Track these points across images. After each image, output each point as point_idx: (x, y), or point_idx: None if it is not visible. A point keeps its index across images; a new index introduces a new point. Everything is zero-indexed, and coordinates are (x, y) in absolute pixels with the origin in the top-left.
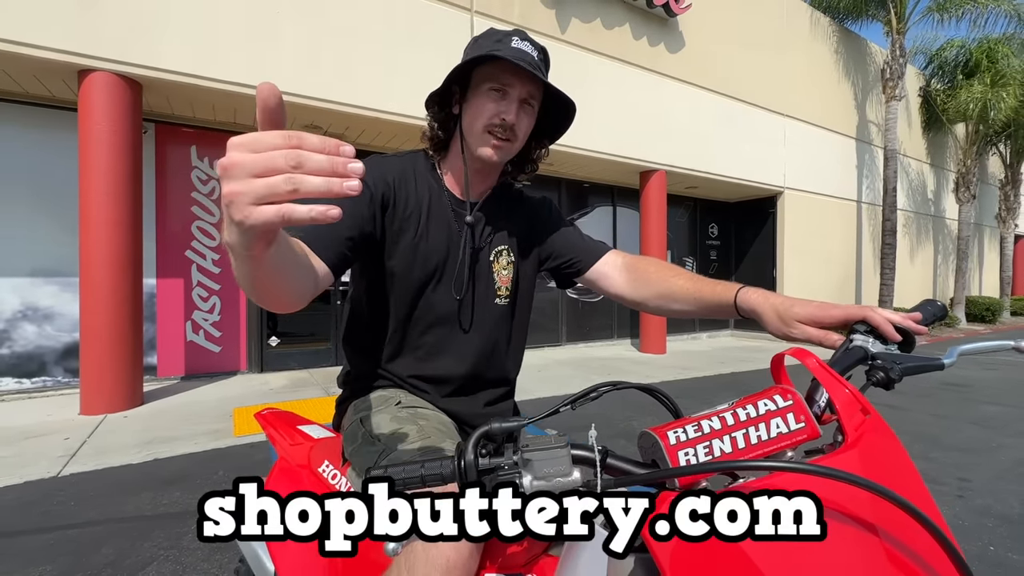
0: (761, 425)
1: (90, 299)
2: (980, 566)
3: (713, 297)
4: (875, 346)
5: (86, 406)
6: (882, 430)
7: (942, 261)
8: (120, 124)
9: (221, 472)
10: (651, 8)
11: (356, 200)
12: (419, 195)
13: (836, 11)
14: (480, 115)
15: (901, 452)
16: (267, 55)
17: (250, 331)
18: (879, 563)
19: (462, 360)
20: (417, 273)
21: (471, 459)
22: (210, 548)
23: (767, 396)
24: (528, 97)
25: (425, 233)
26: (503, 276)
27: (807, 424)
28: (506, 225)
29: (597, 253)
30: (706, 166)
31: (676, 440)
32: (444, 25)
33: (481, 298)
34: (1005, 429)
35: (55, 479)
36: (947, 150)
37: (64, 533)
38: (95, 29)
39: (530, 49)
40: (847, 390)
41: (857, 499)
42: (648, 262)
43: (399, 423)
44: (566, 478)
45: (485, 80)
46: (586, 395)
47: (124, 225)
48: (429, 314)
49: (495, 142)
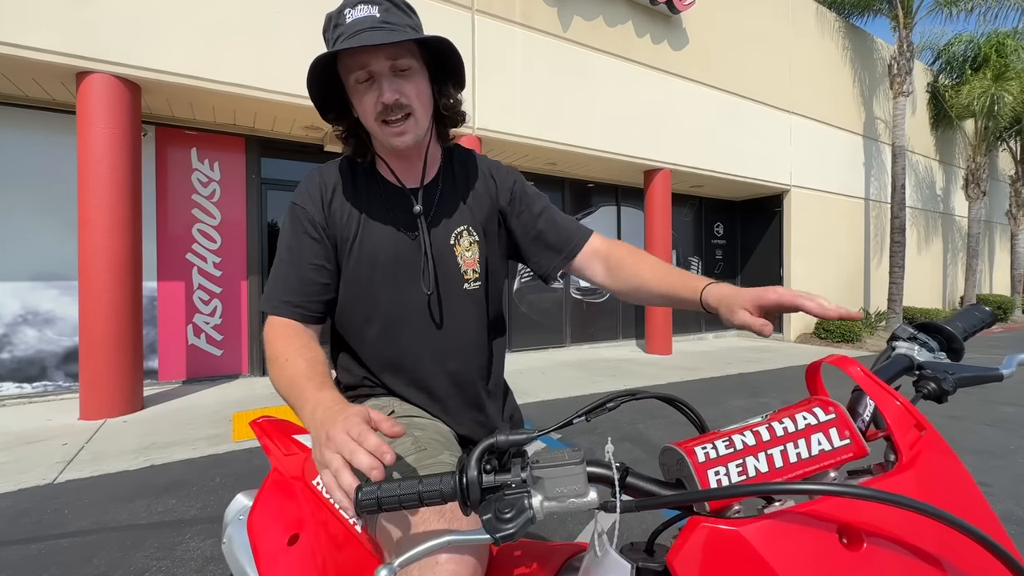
0: (800, 441)
1: (89, 303)
2: None
3: (679, 292)
4: (921, 354)
5: (86, 411)
6: (941, 448)
7: (952, 259)
8: (119, 126)
9: (218, 479)
10: (654, 5)
11: (311, 235)
12: (353, 194)
13: (842, 6)
14: (366, 111)
15: (964, 474)
16: (268, 56)
17: (252, 334)
18: None
19: (441, 358)
20: (373, 276)
21: (474, 476)
22: (203, 559)
23: (806, 408)
24: (394, 63)
25: (369, 235)
26: (467, 259)
27: (852, 441)
28: (462, 202)
29: (581, 238)
30: (711, 164)
31: (705, 457)
32: (446, 25)
33: (447, 288)
34: (1021, 431)
35: (51, 486)
36: (956, 146)
37: (56, 543)
38: (93, 31)
39: (368, 10)
40: (899, 403)
41: (920, 529)
42: (621, 252)
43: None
44: (581, 499)
45: (348, 73)
46: (602, 405)
47: (124, 228)
48: (397, 316)
49: (394, 129)
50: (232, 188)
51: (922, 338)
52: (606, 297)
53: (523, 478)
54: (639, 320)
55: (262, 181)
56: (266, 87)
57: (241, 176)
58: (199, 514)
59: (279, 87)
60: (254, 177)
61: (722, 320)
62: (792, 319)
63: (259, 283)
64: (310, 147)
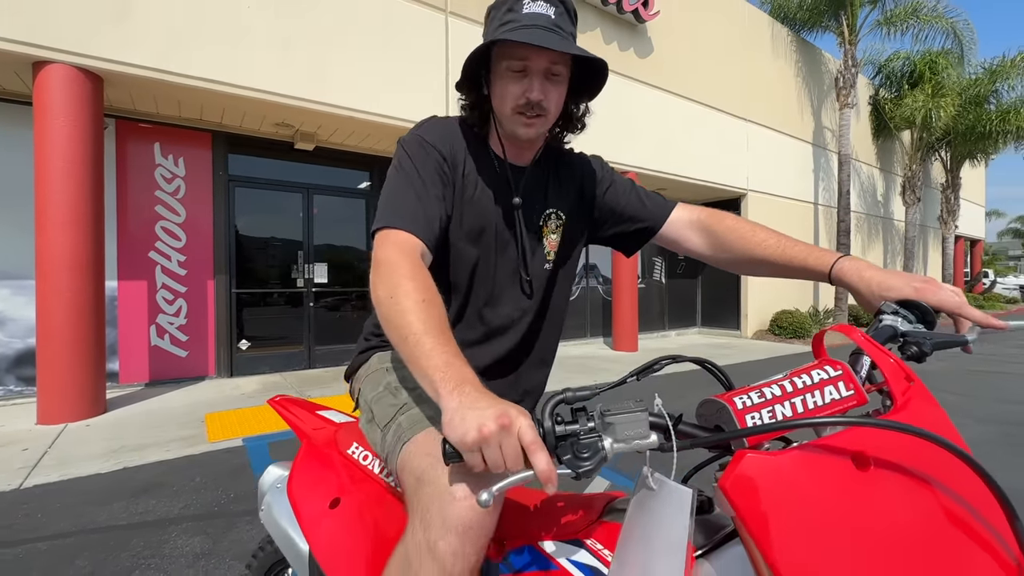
0: (816, 392)
1: (47, 302)
2: None
3: (805, 263)
4: (903, 325)
5: (44, 415)
6: (927, 396)
7: (891, 261)
8: (79, 120)
9: (199, 478)
10: (621, 14)
11: (439, 172)
12: (472, 160)
13: (794, 22)
14: (505, 98)
15: (944, 416)
16: (238, 50)
17: (219, 335)
18: (929, 502)
19: (518, 326)
20: (470, 236)
21: (549, 426)
22: (194, 555)
23: (819, 367)
24: (552, 65)
25: (475, 198)
26: (551, 240)
27: (856, 392)
28: (555, 188)
29: (664, 212)
30: (674, 168)
31: (743, 405)
32: (419, 25)
33: (533, 266)
34: (958, 415)
35: (17, 491)
36: (895, 155)
37: (34, 546)
38: (51, 18)
39: (545, 8)
40: (892, 360)
41: (911, 454)
42: (724, 222)
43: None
44: (644, 440)
45: (503, 59)
46: (650, 367)
47: (84, 225)
48: (484, 278)
49: (526, 120)
50: (198, 185)
51: (903, 312)
52: (575, 296)
53: (592, 426)
54: (606, 318)
55: (229, 178)
56: (238, 82)
57: (207, 173)
58: (183, 513)
59: (249, 83)
60: (221, 174)
61: (859, 301)
62: (748, 317)
63: (226, 283)
64: (279, 144)
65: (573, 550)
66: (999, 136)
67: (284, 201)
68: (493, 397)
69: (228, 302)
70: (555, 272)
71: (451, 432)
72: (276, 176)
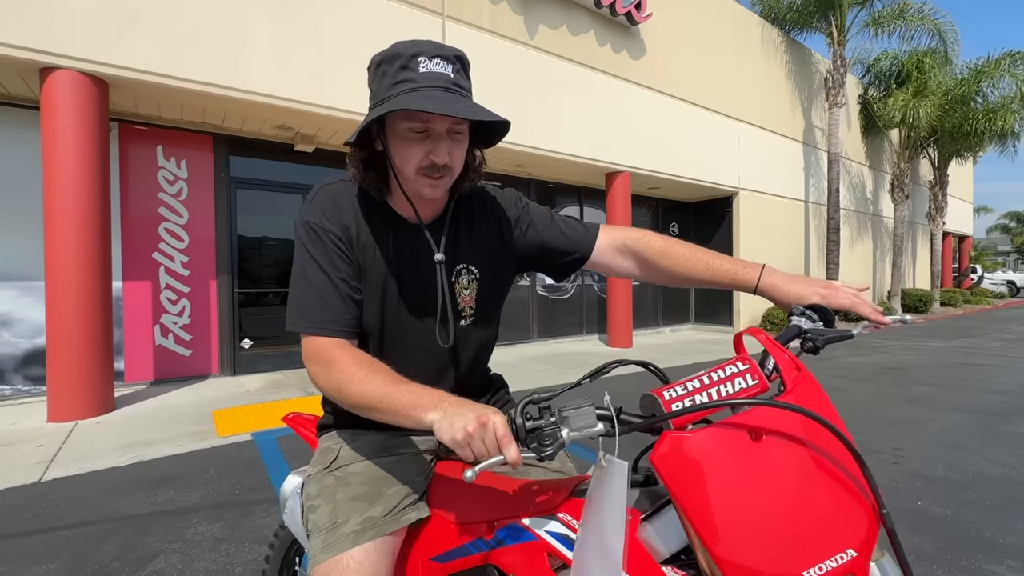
0: (728, 383)
1: (56, 303)
2: (910, 517)
3: (734, 278)
4: (806, 324)
5: (54, 413)
6: (810, 381)
7: (880, 256)
8: (86, 124)
9: (212, 471)
10: (614, 16)
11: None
12: (371, 226)
13: (784, 23)
14: (408, 159)
15: (823, 395)
16: (239, 55)
17: (222, 334)
18: (806, 462)
19: (436, 380)
20: (386, 303)
21: (520, 422)
22: (215, 540)
23: (732, 363)
24: (454, 126)
25: (383, 264)
26: (465, 296)
27: (759, 381)
28: (466, 238)
29: (589, 241)
30: (667, 168)
31: (669, 396)
32: (415, 29)
33: (450, 320)
34: (934, 406)
35: (38, 484)
36: (884, 153)
37: (61, 534)
38: (58, 25)
39: (442, 67)
40: (786, 355)
41: (794, 425)
42: (653, 245)
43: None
44: (592, 428)
45: (403, 120)
46: (600, 371)
47: (92, 226)
48: (403, 341)
49: (431, 182)
50: (200, 186)
51: (809, 313)
52: (570, 294)
53: (554, 420)
54: (601, 316)
55: (231, 180)
56: (239, 86)
57: (209, 174)
58: (201, 502)
59: (252, 87)
60: (223, 176)
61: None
62: (740, 314)
63: (228, 282)
64: (280, 146)
65: (549, 523)
66: (985, 135)
67: (284, 202)
68: (471, 403)
69: (231, 302)
70: (471, 329)
71: (442, 436)
72: (276, 177)
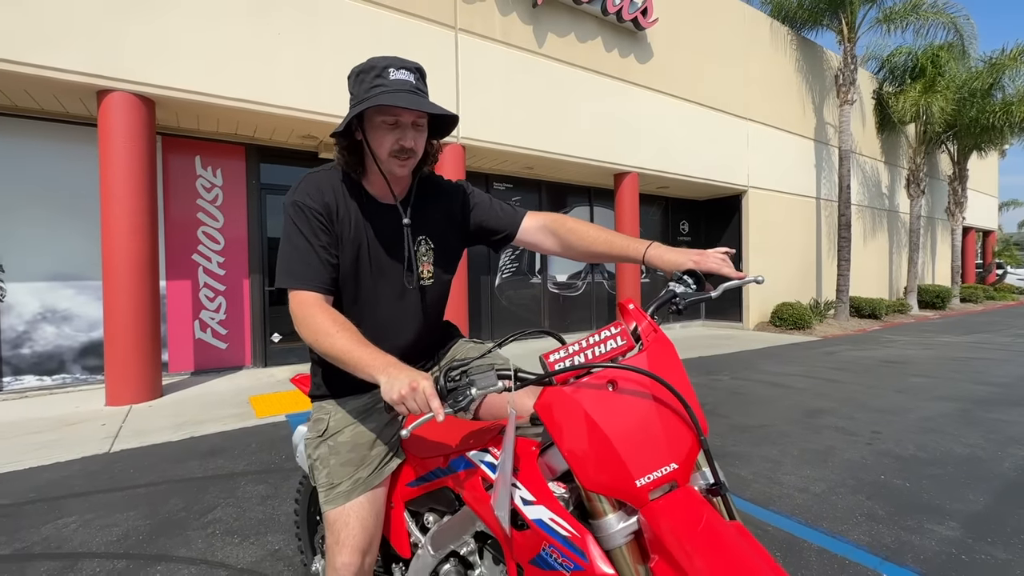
0: (602, 345)
1: (113, 300)
2: (868, 488)
3: (625, 252)
4: (679, 288)
5: (112, 397)
6: (663, 341)
7: (896, 252)
8: (137, 139)
9: (254, 444)
10: (621, 22)
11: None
12: (347, 202)
13: (793, 21)
14: (383, 144)
15: (672, 351)
16: (270, 73)
17: (254, 329)
18: (652, 410)
19: (404, 333)
20: (359, 267)
21: (442, 384)
22: (261, 497)
23: (607, 328)
24: (417, 119)
25: (356, 232)
26: (424, 262)
27: (627, 341)
28: (424, 216)
29: (515, 222)
30: (675, 168)
31: (554, 358)
32: (430, 41)
33: (410, 282)
34: (923, 395)
35: (108, 455)
36: (900, 148)
37: (134, 491)
38: (114, 52)
39: (407, 76)
40: (646, 321)
41: (640, 377)
42: (566, 224)
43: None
44: (494, 387)
45: (379, 114)
46: (506, 340)
47: (142, 231)
48: (364, 299)
49: (400, 162)
50: (234, 193)
51: (684, 279)
52: (580, 291)
53: (467, 382)
54: (611, 312)
55: (261, 186)
56: (270, 101)
57: (242, 181)
58: (247, 469)
59: (281, 101)
60: (254, 182)
61: (664, 274)
62: (750, 310)
63: (260, 281)
64: (305, 154)
65: (484, 456)
66: (1004, 128)
67: None
68: (408, 370)
69: (262, 299)
70: (431, 287)
71: (384, 395)
72: None
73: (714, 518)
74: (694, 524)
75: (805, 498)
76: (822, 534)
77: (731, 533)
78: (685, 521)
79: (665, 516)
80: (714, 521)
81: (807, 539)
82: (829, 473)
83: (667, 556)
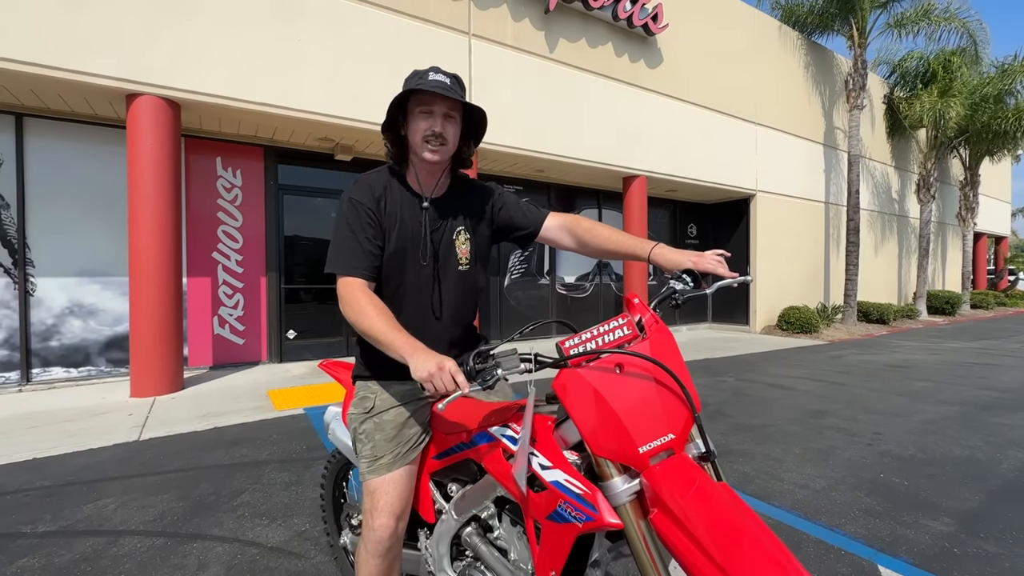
0: (611, 333)
1: (139, 296)
2: (868, 486)
3: (634, 251)
4: (678, 286)
5: (136, 389)
6: (664, 332)
7: (906, 257)
8: (163, 141)
9: (275, 435)
10: (631, 28)
11: (368, 222)
12: (394, 198)
13: (804, 26)
14: (417, 131)
15: (672, 340)
16: (292, 78)
17: (270, 325)
18: (653, 390)
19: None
20: (405, 255)
21: (471, 365)
22: (285, 483)
23: (615, 319)
24: (449, 111)
25: (402, 223)
26: (463, 249)
27: (632, 331)
28: (462, 211)
29: (539, 221)
30: (684, 171)
31: (569, 345)
32: (446, 47)
33: (450, 267)
34: (926, 399)
35: (137, 442)
36: (910, 153)
37: (165, 476)
38: (143, 57)
39: (444, 78)
40: (649, 313)
41: (643, 362)
42: (582, 224)
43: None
44: (517, 368)
45: (416, 106)
46: (525, 329)
47: (167, 230)
48: (409, 283)
49: (431, 147)
50: (252, 193)
51: (683, 277)
52: (588, 292)
53: (493, 363)
54: (619, 312)
55: (279, 187)
56: (290, 106)
57: (260, 182)
58: (270, 457)
59: (301, 106)
60: (272, 183)
61: (667, 272)
62: (757, 313)
63: (277, 279)
64: (321, 156)
65: (505, 430)
66: (1017, 134)
67: (326, 206)
68: (434, 353)
69: (279, 296)
70: (467, 273)
71: (415, 375)
72: (319, 184)
73: (705, 480)
74: (688, 484)
75: (805, 494)
76: (820, 527)
77: (720, 492)
78: (681, 482)
79: (663, 478)
80: (705, 482)
81: (805, 531)
82: (829, 471)
83: (665, 510)
